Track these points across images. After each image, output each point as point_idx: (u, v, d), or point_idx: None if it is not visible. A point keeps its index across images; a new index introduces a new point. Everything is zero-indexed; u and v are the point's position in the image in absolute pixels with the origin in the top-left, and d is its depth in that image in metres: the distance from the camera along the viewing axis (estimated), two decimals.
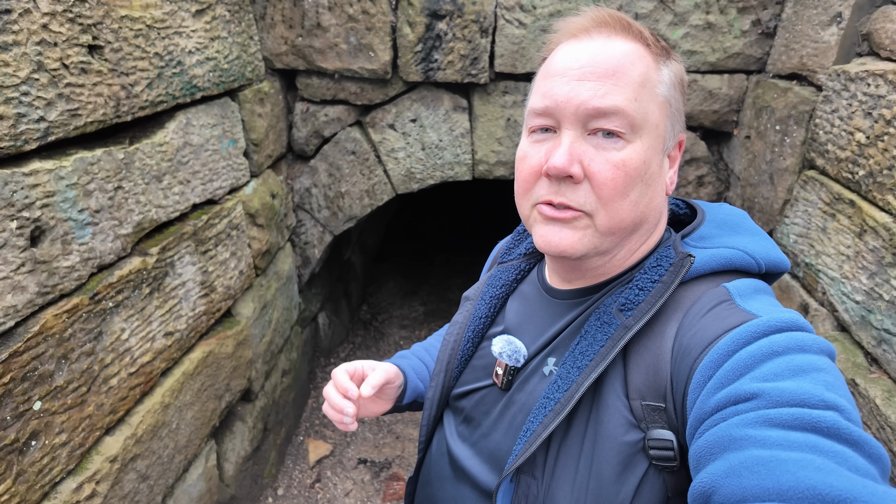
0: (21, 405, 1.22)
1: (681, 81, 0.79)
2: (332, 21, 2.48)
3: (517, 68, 2.54)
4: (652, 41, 0.76)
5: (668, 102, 0.76)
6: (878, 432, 1.51)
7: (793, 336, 0.61)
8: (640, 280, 0.75)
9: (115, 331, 1.51)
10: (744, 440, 0.54)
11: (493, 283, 0.99)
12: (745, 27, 2.41)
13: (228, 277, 2.14)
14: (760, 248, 0.77)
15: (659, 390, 0.70)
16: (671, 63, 0.78)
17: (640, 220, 0.77)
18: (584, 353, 0.74)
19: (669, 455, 0.67)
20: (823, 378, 0.57)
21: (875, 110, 1.69)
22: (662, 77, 0.76)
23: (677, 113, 0.79)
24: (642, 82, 0.73)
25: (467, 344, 0.96)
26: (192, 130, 1.89)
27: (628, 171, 0.72)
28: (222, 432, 2.29)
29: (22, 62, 1.20)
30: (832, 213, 1.87)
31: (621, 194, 0.72)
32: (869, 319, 1.64)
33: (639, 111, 0.72)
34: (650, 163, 0.74)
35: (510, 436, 0.82)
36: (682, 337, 0.69)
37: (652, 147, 0.74)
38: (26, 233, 1.22)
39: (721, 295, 0.70)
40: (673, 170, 0.82)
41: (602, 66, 0.71)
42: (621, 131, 0.71)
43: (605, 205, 0.72)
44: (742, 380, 0.59)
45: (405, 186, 2.87)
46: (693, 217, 0.89)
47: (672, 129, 0.78)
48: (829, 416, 0.53)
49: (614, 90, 0.71)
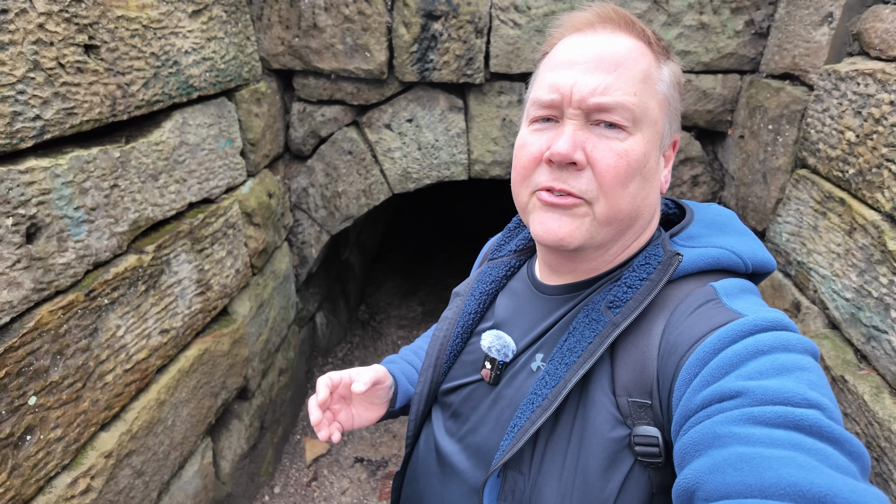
0: (16, 400, 1.23)
1: (678, 81, 0.81)
2: (328, 22, 2.50)
3: (512, 68, 2.56)
4: (653, 40, 0.78)
5: (667, 100, 0.78)
6: (867, 428, 1.52)
7: (777, 335, 0.62)
8: (629, 278, 0.76)
9: (111, 327, 1.53)
10: (728, 437, 0.55)
11: (483, 279, 1.00)
12: (738, 27, 2.43)
13: (225, 276, 2.16)
14: (747, 248, 0.78)
15: (645, 387, 0.70)
16: (670, 63, 0.80)
17: (636, 214, 0.78)
18: (572, 350, 0.75)
19: (655, 451, 0.68)
20: (807, 377, 0.58)
21: (864, 109, 1.70)
22: (663, 75, 0.77)
23: (675, 112, 0.80)
24: (644, 78, 0.74)
25: (456, 339, 0.97)
26: (188, 130, 1.91)
27: (630, 161, 0.73)
28: (219, 430, 2.30)
29: (18, 61, 1.22)
30: (823, 211, 1.89)
31: (622, 183, 0.73)
32: (858, 317, 1.66)
33: (640, 105, 0.73)
34: (649, 157, 0.76)
35: (497, 431, 0.83)
36: (669, 335, 0.70)
37: (651, 142, 0.76)
38: (22, 230, 1.24)
39: (708, 294, 0.71)
40: (667, 169, 0.83)
41: (607, 59, 0.73)
42: (624, 123, 0.73)
43: (605, 193, 0.74)
44: (727, 378, 0.60)
45: (402, 186, 2.89)
46: (682, 216, 0.90)
47: (669, 128, 0.80)
48: (812, 414, 0.54)
49: (618, 83, 0.72)
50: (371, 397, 1.03)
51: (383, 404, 1.06)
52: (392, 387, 1.07)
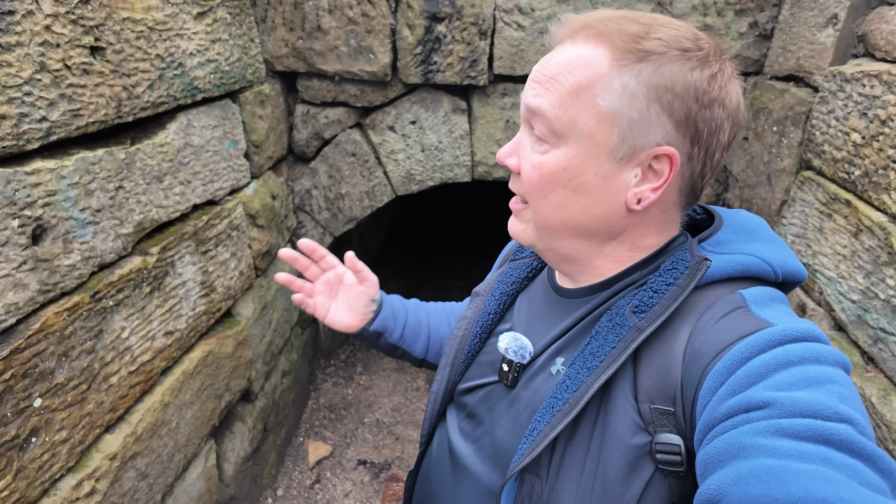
0: (22, 402, 1.23)
1: (654, 89, 0.69)
2: (332, 24, 2.50)
3: (516, 70, 2.56)
4: (629, 47, 0.69)
5: (614, 112, 0.70)
6: (875, 431, 1.51)
7: (808, 346, 0.60)
8: (655, 282, 0.74)
9: (116, 329, 1.53)
10: (754, 448, 0.53)
11: (504, 279, 1.00)
12: (742, 29, 2.42)
13: (229, 278, 2.16)
14: (778, 256, 0.76)
15: (668, 394, 0.69)
16: (646, 70, 0.69)
17: (574, 226, 0.77)
18: (595, 354, 0.73)
19: (676, 460, 0.67)
20: (838, 390, 0.56)
21: (870, 111, 1.70)
22: (613, 86, 0.70)
23: (642, 124, 0.70)
24: (575, 91, 0.71)
25: (474, 339, 0.97)
26: (192, 131, 1.91)
27: (543, 174, 0.75)
28: (222, 432, 2.30)
29: (25, 63, 1.22)
30: (829, 213, 1.88)
31: (539, 194, 0.77)
32: (865, 319, 1.65)
33: (560, 118, 0.72)
34: (579, 170, 0.73)
35: (514, 434, 0.82)
36: (695, 341, 0.68)
37: (581, 156, 0.72)
38: (28, 231, 1.24)
39: (736, 301, 0.69)
40: (650, 184, 0.73)
41: (545, 71, 0.75)
42: (543, 135, 0.75)
43: (529, 199, 0.79)
44: (755, 388, 0.58)
45: (405, 188, 2.89)
46: (710, 222, 0.87)
47: (627, 141, 0.71)
48: (843, 428, 0.52)
49: (545, 93, 0.74)
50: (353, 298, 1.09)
51: (362, 316, 1.11)
52: (378, 305, 1.13)
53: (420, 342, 1.19)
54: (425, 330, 1.20)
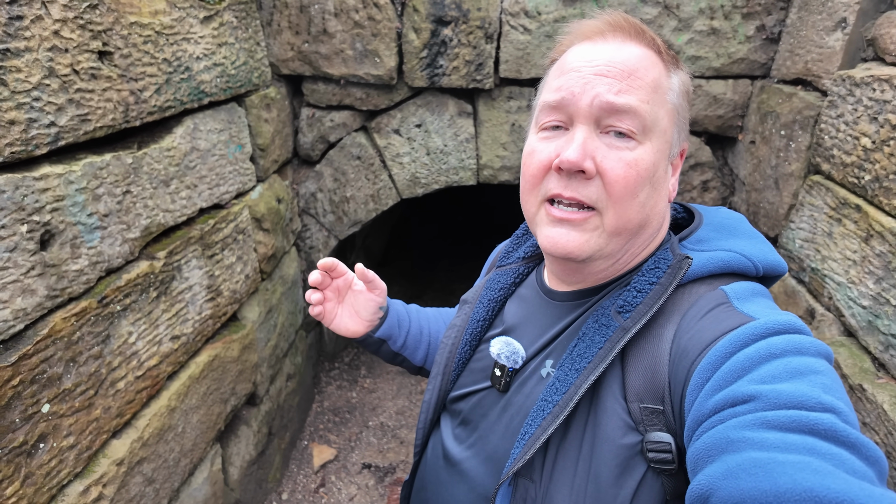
0: (30, 408, 1.22)
1: (687, 90, 0.81)
2: (338, 27, 2.50)
3: (522, 74, 2.55)
4: (663, 49, 0.77)
5: (676, 110, 0.77)
6: (886, 437, 1.50)
7: (790, 339, 0.61)
8: (638, 282, 0.75)
9: (123, 334, 1.52)
10: (741, 442, 0.54)
11: (492, 286, 1.00)
12: (749, 33, 2.41)
13: (234, 281, 2.15)
14: (758, 251, 0.78)
15: (657, 393, 0.70)
16: (679, 72, 0.79)
17: (644, 223, 0.77)
18: (582, 356, 0.74)
19: (667, 458, 0.68)
20: (821, 380, 0.57)
21: (881, 115, 1.68)
22: (672, 84, 0.77)
23: (683, 121, 0.80)
24: (655, 87, 0.74)
25: (465, 347, 0.97)
26: (199, 135, 1.91)
27: (639, 171, 0.72)
28: (227, 436, 2.29)
29: (34, 68, 1.21)
30: (838, 217, 1.87)
31: (632, 193, 0.73)
32: (876, 324, 1.64)
33: (650, 114, 0.73)
34: (658, 166, 0.75)
35: (508, 438, 0.82)
36: (680, 339, 0.69)
37: (660, 151, 0.75)
38: (36, 236, 1.23)
39: (718, 297, 0.71)
40: (675, 177, 0.83)
41: (618, 66, 0.72)
42: (633, 132, 0.72)
43: (615, 203, 0.73)
44: (740, 382, 0.59)
45: (410, 191, 2.88)
46: (691, 220, 0.89)
47: (678, 137, 0.80)
48: (827, 418, 0.53)
49: (630, 89, 0.72)
50: (360, 305, 1.08)
51: (367, 322, 1.11)
52: (384, 312, 1.12)
53: (421, 350, 1.19)
54: (426, 338, 1.20)
